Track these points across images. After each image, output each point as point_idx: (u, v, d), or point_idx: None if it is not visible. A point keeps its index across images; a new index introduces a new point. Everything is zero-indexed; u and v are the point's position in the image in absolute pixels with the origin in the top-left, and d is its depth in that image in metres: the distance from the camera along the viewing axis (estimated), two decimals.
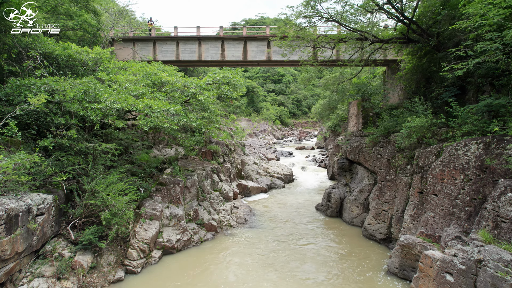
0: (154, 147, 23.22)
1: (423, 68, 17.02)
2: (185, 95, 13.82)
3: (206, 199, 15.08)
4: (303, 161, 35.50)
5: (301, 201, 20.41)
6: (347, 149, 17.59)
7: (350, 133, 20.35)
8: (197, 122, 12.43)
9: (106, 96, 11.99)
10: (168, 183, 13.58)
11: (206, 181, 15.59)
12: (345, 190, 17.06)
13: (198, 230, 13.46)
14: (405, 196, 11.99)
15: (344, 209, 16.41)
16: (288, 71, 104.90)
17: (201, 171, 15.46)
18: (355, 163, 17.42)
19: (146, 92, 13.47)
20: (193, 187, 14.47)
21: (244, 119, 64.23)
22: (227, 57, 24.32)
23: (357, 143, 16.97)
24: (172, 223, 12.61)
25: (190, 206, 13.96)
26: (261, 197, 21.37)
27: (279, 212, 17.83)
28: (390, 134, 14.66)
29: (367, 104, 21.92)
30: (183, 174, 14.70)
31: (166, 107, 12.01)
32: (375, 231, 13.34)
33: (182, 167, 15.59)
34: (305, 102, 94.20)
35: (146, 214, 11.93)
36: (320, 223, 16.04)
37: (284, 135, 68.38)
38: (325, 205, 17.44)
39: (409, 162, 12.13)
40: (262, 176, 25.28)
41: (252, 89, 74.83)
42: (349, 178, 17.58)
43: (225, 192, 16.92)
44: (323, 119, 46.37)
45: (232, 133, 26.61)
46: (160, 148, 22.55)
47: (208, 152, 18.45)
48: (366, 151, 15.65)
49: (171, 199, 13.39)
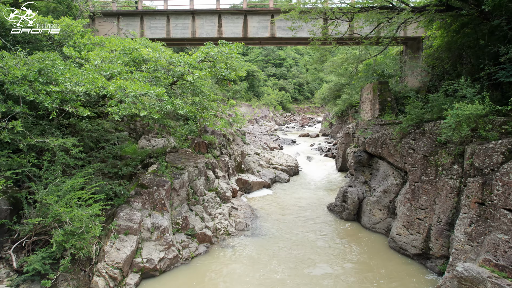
0: (143, 136, 20.62)
1: (460, 43, 14.14)
2: (170, 75, 11.02)
3: (198, 202, 12.49)
4: (308, 150, 32.85)
5: (309, 198, 17.86)
6: (366, 141, 14.89)
7: (366, 121, 17.62)
8: (184, 109, 9.69)
9: (68, 76, 9.24)
10: (151, 185, 10.96)
11: (198, 180, 12.95)
12: (364, 189, 14.46)
13: (188, 242, 10.92)
14: (450, 204, 9.36)
15: (363, 211, 13.86)
16: (290, 54, 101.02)
17: (193, 168, 12.80)
18: (375, 157, 14.76)
19: (122, 72, 10.68)
20: (183, 189, 11.86)
21: (244, 105, 61.30)
22: (225, 34, 21.31)
23: (379, 133, 14.26)
24: (155, 237, 10.05)
25: (178, 213, 11.38)
26: (264, 194, 18.82)
27: (285, 213, 15.29)
28: (423, 123, 11.95)
29: (385, 88, 19.10)
30: (170, 172, 12.06)
31: (144, 90, 9.26)
32: (407, 243, 10.80)
33: (170, 163, 12.94)
34: (307, 86, 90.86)
35: (119, 227, 9.34)
36: (335, 229, 13.50)
37: (286, 121, 65.55)
38: (339, 206, 14.87)
39: (456, 160, 9.45)
40: (265, 168, 22.68)
41: (252, 73, 71.55)
42: (368, 174, 14.95)
43: (222, 192, 14.33)
44: (328, 104, 43.43)
45: (231, 120, 23.87)
46: (150, 138, 19.93)
47: (202, 143, 15.77)
48: (392, 143, 12.96)
49: (154, 205, 10.79)
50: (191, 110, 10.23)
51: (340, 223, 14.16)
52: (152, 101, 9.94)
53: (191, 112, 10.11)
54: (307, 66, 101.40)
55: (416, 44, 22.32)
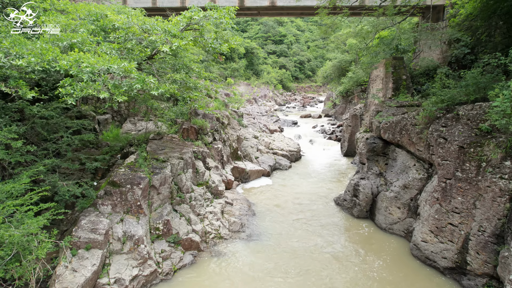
0: (128, 119, 18.51)
1: (496, 8, 11.79)
2: (143, 46, 8.75)
3: (184, 200, 10.51)
4: (310, 133, 30.73)
5: (313, 188, 15.93)
6: (382, 125, 12.78)
7: (380, 101, 15.43)
8: (159, 90, 7.51)
9: (6, 45, 7.03)
10: (124, 183, 8.94)
11: (184, 174, 10.92)
12: (379, 182, 12.48)
13: (170, 252, 9.02)
14: (499, 211, 7.37)
15: (378, 209, 11.93)
16: (290, 30, 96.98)
17: (177, 160, 10.74)
18: (392, 144, 12.69)
19: (85, 42, 8.42)
20: (164, 186, 9.85)
21: (242, 84, 58.68)
22: (218, 2, 18.72)
23: (397, 117, 12.13)
24: (127, 248, 8.13)
25: (158, 216, 9.42)
26: (263, 183, 16.87)
27: (286, 208, 13.39)
28: (454, 106, 9.81)
29: (400, 64, 16.82)
30: (149, 166, 10.02)
31: (105, 65, 7.05)
32: (436, 254, 8.91)
33: (150, 154, 10.87)
34: (308, 64, 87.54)
35: (79, 241, 7.38)
36: (345, 230, 11.61)
37: (286, 101, 63.04)
38: (349, 200, 12.93)
39: (510, 155, 7.38)
40: (264, 154, 20.66)
41: (251, 50, 68.44)
42: (383, 165, 12.92)
43: (213, 186, 12.35)
44: (332, 83, 40.91)
45: (227, 101, 21.60)
46: (136, 121, 17.82)
47: (191, 129, 13.64)
48: (414, 130, 10.85)
49: (128, 208, 8.82)
50: (170, 90, 8.02)
51: (350, 221, 12.27)
52: (128, 80, 7.76)
53: (167, 93, 7.91)
54: (308, 43, 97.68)
55: (436, 14, 19.78)
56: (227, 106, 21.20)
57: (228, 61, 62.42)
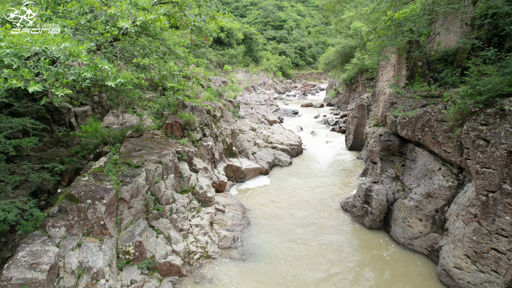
0: (110, 111, 16.60)
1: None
2: (101, 20, 6.76)
3: (163, 214, 8.69)
4: (312, 123, 28.79)
5: (317, 190, 14.13)
6: (399, 120, 10.89)
7: (397, 91, 13.46)
8: (118, 80, 5.58)
9: None
10: (84, 198, 7.09)
11: (164, 181, 9.07)
12: (395, 188, 10.65)
13: (142, 282, 7.26)
14: None
15: (394, 219, 10.14)
16: (291, 15, 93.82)
17: (155, 165, 8.85)
18: (411, 142, 10.83)
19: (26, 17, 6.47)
20: (137, 198, 8.01)
21: (241, 71, 56.34)
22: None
23: (419, 111, 10.22)
24: (83, 285, 6.34)
25: (129, 236, 7.61)
26: (260, 184, 15.06)
27: (287, 216, 11.61)
28: (495, 99, 7.90)
29: (414, 49, 14.81)
30: (118, 174, 8.15)
31: (38, 45, 5.12)
32: (474, 285, 7.14)
33: (123, 157, 8.99)
34: (309, 51, 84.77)
35: (9, 283, 5.56)
36: (357, 246, 9.84)
37: (286, 89, 60.80)
38: (359, 208, 11.13)
39: None
40: (262, 148, 18.79)
41: (250, 36, 65.70)
42: (400, 166, 11.07)
43: (201, 192, 10.52)
44: (335, 69, 38.65)
45: (221, 90, 19.57)
46: (118, 113, 15.88)
47: (176, 124, 11.72)
48: (441, 127, 8.96)
49: (89, 229, 7.00)
50: (134, 79, 6.07)
51: (362, 233, 10.49)
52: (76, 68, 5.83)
53: (129, 84, 5.97)
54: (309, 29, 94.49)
55: None
56: (221, 96, 19.20)
57: (226, 47, 59.86)
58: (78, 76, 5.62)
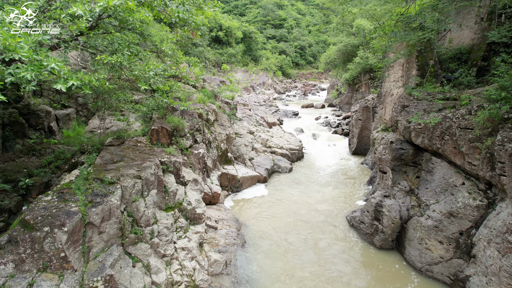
0: (96, 114, 15.38)
1: None
2: (57, 7, 5.50)
3: (142, 237, 7.44)
4: (313, 125, 27.52)
5: (320, 201, 12.89)
6: (413, 126, 9.65)
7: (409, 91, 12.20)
8: (70, 83, 4.33)
9: None
10: (41, 224, 5.83)
11: (144, 199, 7.81)
12: (409, 203, 9.40)
13: None
14: None
15: (409, 239, 8.89)
16: (291, 14, 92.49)
17: (133, 181, 7.59)
18: (427, 152, 9.58)
19: None
20: (109, 221, 6.76)
21: (240, 70, 55.03)
22: None
23: (435, 115, 8.98)
24: None
25: (98, 267, 6.35)
26: (258, 194, 13.81)
27: (287, 233, 10.36)
28: None
29: (426, 47, 13.62)
30: (88, 192, 6.89)
31: None
32: None
33: (96, 171, 7.73)
34: (309, 50, 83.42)
35: None
36: (368, 272, 8.58)
37: (286, 89, 59.52)
38: (368, 224, 9.88)
39: None
40: (260, 154, 17.55)
41: (249, 34, 64.40)
42: (414, 178, 9.82)
43: (190, 208, 9.26)
44: (336, 69, 37.34)
45: (218, 90, 18.30)
46: (105, 116, 14.66)
47: (162, 130, 10.46)
48: (465, 136, 7.72)
49: (45, 263, 5.76)
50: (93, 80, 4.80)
51: (371, 255, 9.23)
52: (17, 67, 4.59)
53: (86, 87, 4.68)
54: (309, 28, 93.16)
55: None
56: (217, 98, 17.94)
57: (225, 46, 58.58)
58: (20, 77, 4.36)
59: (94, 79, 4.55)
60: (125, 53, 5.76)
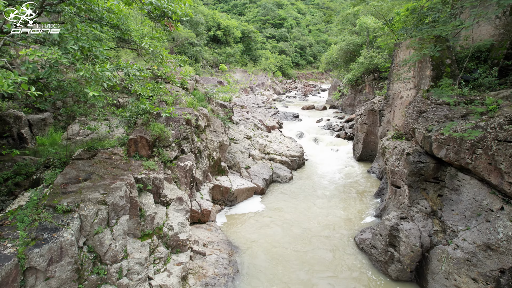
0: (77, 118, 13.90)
1: None
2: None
3: (107, 278, 5.98)
4: (314, 128, 26.04)
5: (323, 218, 11.43)
6: (435, 136, 8.19)
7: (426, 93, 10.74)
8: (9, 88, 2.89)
9: None
10: None
11: (110, 229, 6.33)
12: (431, 227, 7.93)
13: None
14: None
15: (432, 272, 7.43)
16: (291, 13, 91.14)
17: (95, 208, 6.12)
18: (452, 166, 8.12)
19: None
20: (60, 263, 5.30)
21: (238, 70, 53.63)
22: None
23: (460, 122, 7.54)
24: None
25: None
26: (253, 209, 12.34)
27: (287, 260, 8.90)
28: None
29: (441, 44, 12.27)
30: (33, 226, 5.44)
31: None
32: None
33: (52, 194, 6.26)
34: (309, 50, 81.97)
35: None
36: None
37: (286, 89, 58.05)
38: (382, 251, 8.42)
39: None
40: (258, 161, 16.08)
41: (248, 34, 63.00)
42: (436, 197, 8.36)
43: (171, 234, 7.79)
44: (338, 69, 35.87)
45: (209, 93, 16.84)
46: (87, 121, 13.19)
47: (141, 141, 8.99)
48: (505, 151, 6.27)
49: None
50: (17, 78, 3.33)
51: None
52: None
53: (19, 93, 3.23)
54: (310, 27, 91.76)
55: None
56: (210, 100, 16.48)
57: (223, 45, 57.14)
58: None
59: (7, 84, 3.07)
60: (70, 47, 4.31)
